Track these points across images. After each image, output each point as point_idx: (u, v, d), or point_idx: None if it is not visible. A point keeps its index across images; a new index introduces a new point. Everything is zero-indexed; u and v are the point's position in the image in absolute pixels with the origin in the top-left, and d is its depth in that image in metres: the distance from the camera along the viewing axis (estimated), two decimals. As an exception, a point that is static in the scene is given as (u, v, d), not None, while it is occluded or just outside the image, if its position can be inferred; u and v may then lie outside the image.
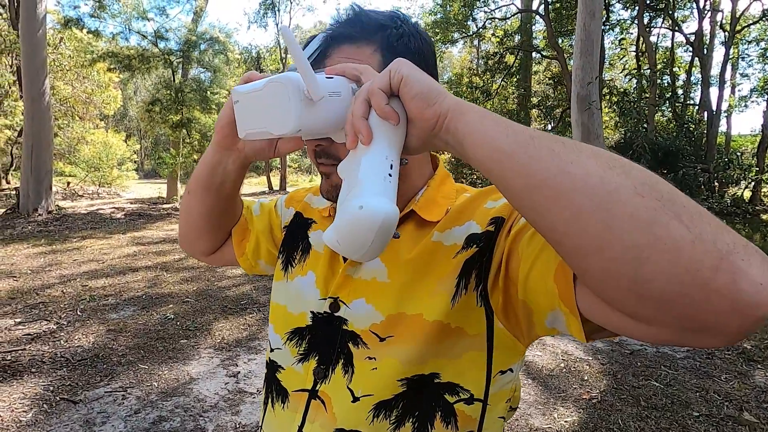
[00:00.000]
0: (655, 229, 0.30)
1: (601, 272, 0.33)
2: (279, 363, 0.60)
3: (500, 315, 0.50)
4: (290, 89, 0.42)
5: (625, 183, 0.32)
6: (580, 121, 7.29)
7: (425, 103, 0.41)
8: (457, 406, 0.51)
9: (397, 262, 0.54)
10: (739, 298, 0.29)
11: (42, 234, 7.37)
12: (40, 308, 3.90)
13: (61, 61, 13.39)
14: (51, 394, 2.50)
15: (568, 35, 13.03)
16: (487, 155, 0.37)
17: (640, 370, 2.89)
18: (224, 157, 0.60)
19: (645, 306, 0.32)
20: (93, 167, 14.39)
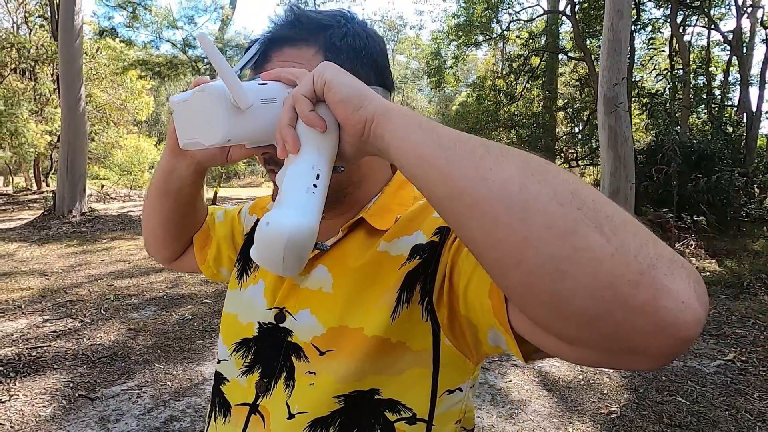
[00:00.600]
0: (573, 240, 0.28)
1: (522, 288, 0.31)
2: (224, 375, 0.58)
3: (447, 330, 0.47)
4: (215, 98, 0.41)
5: (545, 191, 0.30)
6: (606, 123, 7.06)
7: (350, 107, 0.39)
8: (397, 425, 0.48)
9: (344, 273, 0.52)
10: (660, 316, 0.27)
11: (75, 235, 7.69)
12: (67, 306, 4.06)
13: (97, 70, 14.02)
14: (70, 390, 2.58)
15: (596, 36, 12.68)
16: (411, 162, 0.35)
17: (664, 384, 2.75)
18: (178, 163, 0.58)
19: (568, 325, 0.30)
20: (125, 171, 14.97)
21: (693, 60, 13.06)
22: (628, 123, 7.09)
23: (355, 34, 0.52)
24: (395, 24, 25.29)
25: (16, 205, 12.33)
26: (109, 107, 15.37)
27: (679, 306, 0.27)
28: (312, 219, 0.38)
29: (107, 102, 15.08)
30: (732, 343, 3.45)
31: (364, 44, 0.52)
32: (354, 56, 0.51)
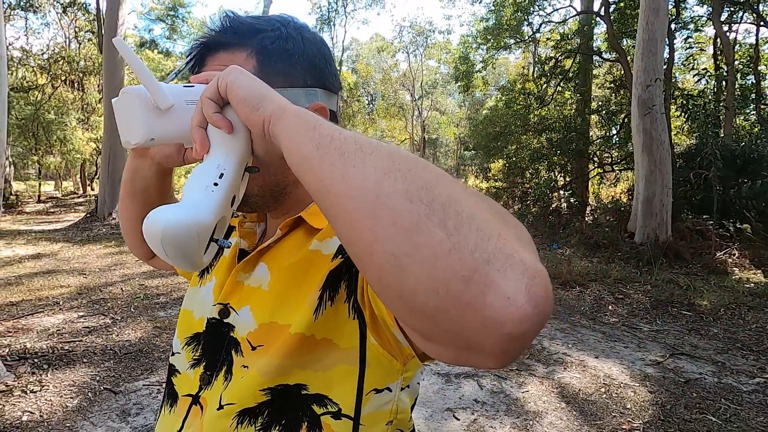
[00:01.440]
0: (415, 237, 0.28)
1: (376, 282, 0.31)
2: (176, 367, 0.60)
3: (371, 329, 0.48)
4: (136, 100, 0.43)
5: (399, 188, 0.30)
6: (641, 126, 6.77)
7: (250, 108, 0.40)
8: (323, 418, 0.49)
9: (279, 270, 0.53)
10: (486, 313, 0.27)
11: (113, 236, 8.09)
12: (101, 303, 4.26)
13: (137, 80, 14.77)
14: (96, 383, 2.70)
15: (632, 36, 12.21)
16: (295, 161, 0.36)
17: (695, 401, 2.58)
18: (141, 163, 0.60)
19: (417, 320, 0.30)
20: (163, 176, 15.64)
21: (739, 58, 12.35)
22: (664, 125, 6.77)
23: (288, 37, 0.53)
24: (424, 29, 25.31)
25: (64, 208, 13.14)
26: (150, 115, 16.14)
27: (503, 302, 0.27)
28: (197, 214, 0.39)
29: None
30: (774, 359, 3.21)
31: (298, 47, 0.53)
32: (287, 58, 0.53)
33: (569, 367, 3.04)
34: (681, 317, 4.15)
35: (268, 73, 0.52)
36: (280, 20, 0.55)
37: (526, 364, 3.06)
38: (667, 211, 6.53)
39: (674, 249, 6.13)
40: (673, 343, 3.50)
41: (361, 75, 28.18)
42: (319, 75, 0.55)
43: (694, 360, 3.20)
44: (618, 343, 3.53)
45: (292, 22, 0.56)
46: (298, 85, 0.53)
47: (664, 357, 3.24)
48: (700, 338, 3.65)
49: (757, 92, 11.70)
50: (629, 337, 3.67)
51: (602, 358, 3.20)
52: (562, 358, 3.18)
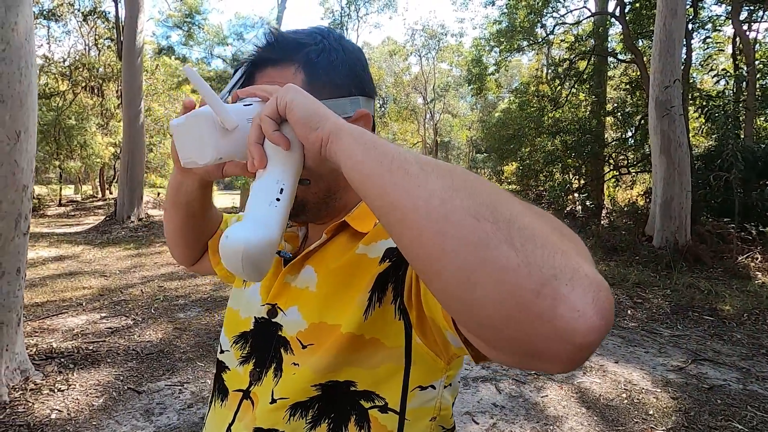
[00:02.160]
0: (483, 252, 0.30)
1: (443, 295, 0.33)
2: (226, 364, 0.63)
3: (417, 329, 0.50)
4: (204, 123, 0.45)
5: (464, 205, 0.32)
6: (659, 128, 6.67)
7: (308, 128, 0.42)
8: (371, 412, 0.51)
9: (326, 273, 0.56)
10: (558, 324, 0.29)
11: (132, 239, 8.26)
12: (122, 305, 4.35)
13: (155, 86, 15.09)
14: (120, 383, 2.76)
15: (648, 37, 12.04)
16: (357, 179, 0.39)
17: (719, 408, 2.53)
18: (184, 178, 0.63)
19: (483, 330, 0.32)
20: (179, 179, 15.90)
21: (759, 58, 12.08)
22: (682, 127, 6.66)
23: (331, 49, 0.56)
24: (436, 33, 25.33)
25: (83, 211, 13.44)
26: (166, 120, 16.46)
27: (573, 314, 0.28)
28: (269, 232, 0.41)
29: (164, 115, 16.16)
30: (802, 366, 3.13)
31: (341, 57, 0.56)
32: (331, 69, 0.55)
33: (588, 372, 3.01)
34: (703, 322, 4.07)
35: (316, 85, 0.54)
36: (320, 33, 0.58)
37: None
38: (686, 214, 6.41)
39: (694, 253, 6.02)
40: (695, 349, 3.44)
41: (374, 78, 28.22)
42: (360, 82, 0.58)
43: (718, 366, 3.14)
44: (638, 347, 3.48)
45: (330, 34, 0.58)
46: (343, 94, 0.56)
47: (686, 362, 3.18)
48: (723, 344, 3.58)
49: (778, 92, 11.42)
50: (649, 342, 3.62)
51: (622, 363, 3.16)
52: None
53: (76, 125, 12.70)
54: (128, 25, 9.31)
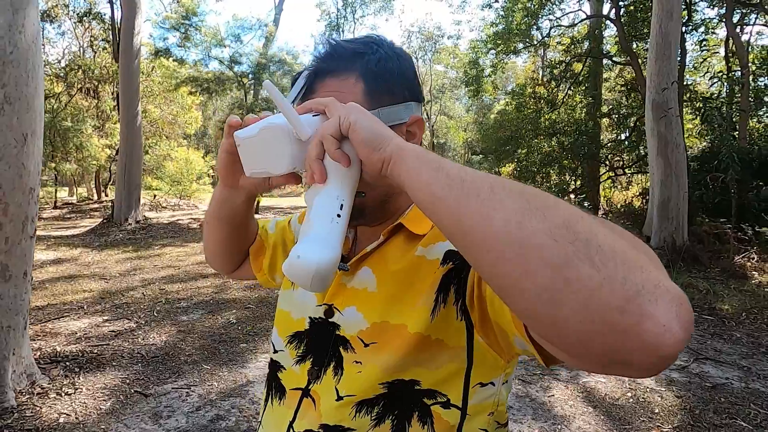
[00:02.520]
0: (566, 273, 0.31)
1: (525, 313, 0.35)
2: (281, 363, 0.64)
3: (479, 330, 0.52)
4: (280, 134, 0.47)
5: (541, 227, 0.33)
6: (656, 129, 6.74)
7: (371, 149, 0.44)
8: (433, 408, 0.53)
9: (385, 274, 0.57)
10: (643, 338, 0.30)
11: (130, 241, 8.21)
12: (124, 308, 4.33)
13: (152, 87, 15.02)
14: (127, 386, 2.75)
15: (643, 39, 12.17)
16: (424, 199, 0.40)
17: (723, 406, 2.57)
18: (231, 193, 0.64)
19: (567, 343, 0.33)
20: (175, 181, 15.84)
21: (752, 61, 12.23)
22: (679, 129, 6.73)
23: (387, 58, 0.58)
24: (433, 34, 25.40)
25: (79, 214, 13.34)
26: (162, 122, 16.39)
27: (660, 329, 0.30)
28: (336, 250, 0.44)
29: (160, 117, 16.08)
30: (801, 364, 3.18)
31: (397, 65, 0.58)
32: (389, 77, 0.57)
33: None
34: (702, 322, 4.12)
35: (375, 93, 0.56)
36: (375, 41, 0.59)
37: (550, 368, 3.06)
38: (683, 215, 6.48)
39: (692, 253, 6.09)
40: (696, 348, 3.48)
41: (369, 80, 28.23)
42: (412, 88, 0.59)
43: (719, 365, 3.18)
44: (640, 347, 3.52)
45: (384, 42, 0.60)
46: (398, 101, 0.57)
47: (688, 362, 3.22)
48: (724, 343, 3.63)
49: (770, 94, 11.56)
50: (651, 341, 3.66)
51: (626, 363, 3.19)
52: (585, 363, 3.18)
53: (72, 127, 12.62)
54: (125, 26, 9.27)
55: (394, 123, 0.56)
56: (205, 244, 0.77)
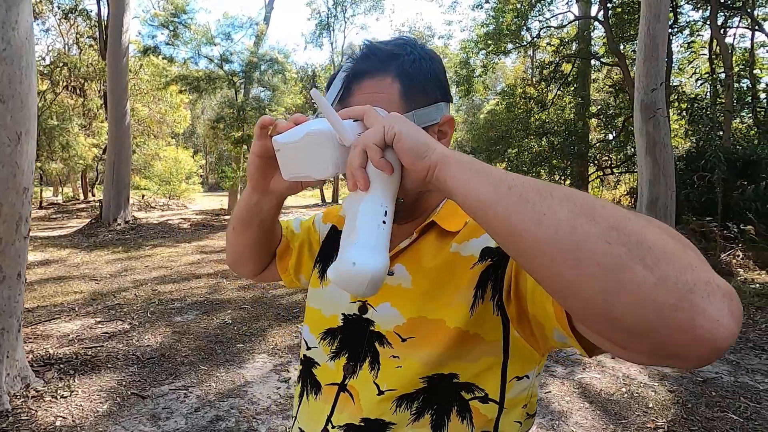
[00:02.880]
0: (620, 275, 0.33)
1: (579, 311, 0.36)
2: (315, 360, 0.65)
3: (515, 324, 0.53)
4: (324, 140, 0.48)
5: (593, 231, 0.34)
6: (644, 130, 6.86)
7: (416, 157, 0.44)
8: (472, 403, 0.55)
9: (420, 270, 0.59)
10: (697, 333, 0.31)
11: (120, 242, 8.09)
12: (116, 309, 4.28)
13: (140, 86, 14.80)
14: (123, 388, 2.72)
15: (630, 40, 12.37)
16: (472, 204, 0.41)
17: (714, 400, 2.64)
18: (262, 198, 0.65)
19: (620, 337, 0.35)
20: (164, 181, 15.64)
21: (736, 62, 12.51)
22: (667, 129, 6.86)
23: (421, 59, 0.59)
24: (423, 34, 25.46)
25: (66, 214, 13.10)
26: (150, 121, 16.16)
27: (714, 324, 0.31)
28: (386, 256, 0.45)
29: (148, 116, 15.86)
30: (787, 358, 3.27)
31: (429, 65, 0.59)
32: (423, 78, 0.58)
33: (588, 368, 3.09)
34: (691, 318, 4.21)
35: (410, 94, 0.57)
36: (408, 43, 0.60)
37: (545, 366, 3.10)
38: (671, 214, 6.61)
39: (679, 251, 6.21)
40: (686, 344, 3.56)
41: (360, 80, 28.23)
42: (443, 88, 0.61)
43: (709, 360, 3.26)
44: (632, 343, 3.59)
45: (416, 43, 0.61)
46: (431, 101, 0.58)
47: (679, 357, 3.29)
48: (712, 338, 3.71)
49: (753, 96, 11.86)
50: (643, 337, 3.73)
51: (619, 359, 3.25)
52: (580, 359, 3.23)
53: (58, 126, 12.38)
54: (113, 23, 9.12)
55: (428, 124, 0.57)
56: (231, 250, 0.76)
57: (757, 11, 12.31)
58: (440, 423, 0.54)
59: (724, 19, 12.12)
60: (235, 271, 0.80)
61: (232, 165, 12.78)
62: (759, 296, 4.71)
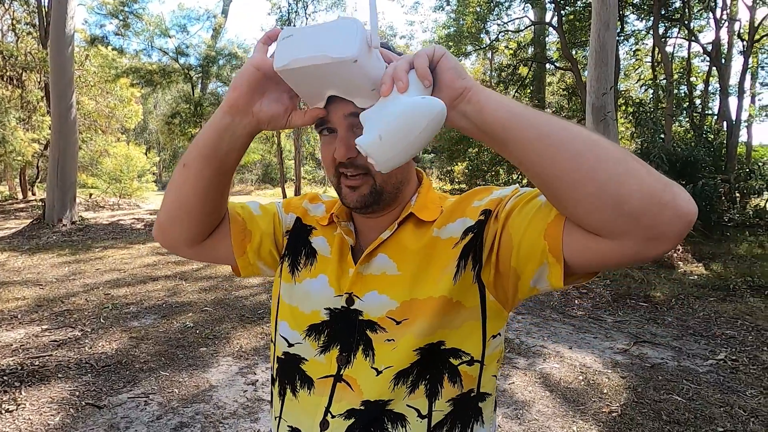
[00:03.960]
0: (625, 164, 0.46)
1: (594, 195, 0.46)
2: (301, 356, 0.66)
3: (491, 288, 0.61)
4: (354, 26, 0.49)
5: (601, 138, 0.49)
6: (596, 132, 7.25)
7: (458, 75, 0.51)
8: (460, 367, 0.60)
9: (405, 255, 0.63)
10: (679, 209, 0.45)
11: (66, 244, 7.58)
12: (65, 316, 4.02)
13: (86, 78, 13.89)
14: (77, 398, 2.57)
15: (582, 46, 13.01)
16: (505, 116, 0.49)
17: (661, 383, 2.84)
18: (236, 120, 0.57)
19: (622, 221, 0.46)
20: (114, 179, 14.79)
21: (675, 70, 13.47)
22: (616, 131, 7.30)
23: None
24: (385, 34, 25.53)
25: (2, 214, 12.09)
26: (98, 115, 15.21)
27: (686, 203, 0.45)
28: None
29: (96, 110, 14.92)
30: (722, 343, 3.58)
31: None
32: None
33: (548, 359, 3.24)
34: (639, 308, 4.51)
35: None
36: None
37: (508, 358, 3.22)
38: (619, 211, 7.04)
39: (627, 246, 6.61)
40: (635, 332, 3.81)
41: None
42: None
43: (655, 347, 3.51)
44: (587, 334, 3.79)
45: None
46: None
47: (629, 345, 3.52)
48: (658, 327, 4.00)
49: (689, 101, 12.81)
50: (596, 328, 3.95)
51: (575, 349, 3.44)
52: (540, 351, 3.38)
53: (-8, 119, 11.41)
54: (56, 10, 8.52)
55: None
56: (170, 200, 0.63)
57: (693, 23, 13.30)
58: (434, 391, 0.59)
59: (665, 29, 13.01)
60: (165, 237, 0.66)
61: (188, 162, 12.25)
62: (697, 287, 5.12)
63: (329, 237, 0.70)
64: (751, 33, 11.68)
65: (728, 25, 12.77)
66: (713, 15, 12.01)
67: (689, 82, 13.52)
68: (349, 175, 0.61)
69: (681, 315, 4.30)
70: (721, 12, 12.20)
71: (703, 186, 7.00)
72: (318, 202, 0.77)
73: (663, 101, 10.83)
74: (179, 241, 0.66)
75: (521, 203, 0.58)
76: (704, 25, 14.54)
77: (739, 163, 11.23)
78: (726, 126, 11.36)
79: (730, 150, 10.90)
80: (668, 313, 4.36)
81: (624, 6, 11.68)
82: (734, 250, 7.10)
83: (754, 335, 3.74)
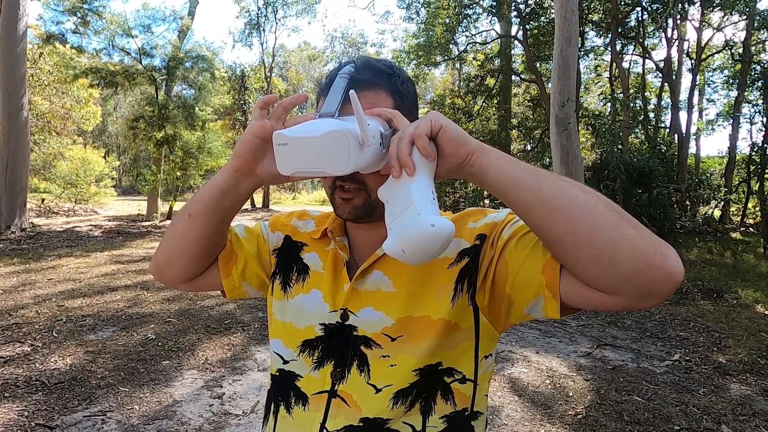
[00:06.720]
0: (621, 230, 0.49)
1: (591, 258, 0.49)
2: (296, 372, 0.66)
3: (485, 311, 0.63)
4: (347, 138, 0.50)
5: (598, 202, 0.51)
6: (559, 142, 7.53)
7: (459, 144, 0.53)
8: (453, 385, 0.62)
9: (402, 273, 0.64)
10: (668, 270, 0.48)
11: (15, 252, 7.11)
12: (13, 329, 3.75)
13: (39, 77, 13.16)
14: (26, 419, 2.40)
15: (546, 60, 13.54)
16: (507, 181, 0.53)
17: (622, 385, 2.96)
18: (240, 181, 0.62)
19: (616, 281, 0.49)
20: (70, 183, 14.04)
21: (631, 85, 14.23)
22: (577, 141, 7.60)
23: (408, 81, 0.67)
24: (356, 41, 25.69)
25: (-59, 221, 11.20)
26: (51, 116, 14.42)
27: (675, 264, 0.48)
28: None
29: (49, 110, 14.14)
30: (677, 344, 3.77)
31: (412, 88, 0.68)
32: (407, 97, 0.65)
33: (516, 363, 3.31)
34: (600, 312, 4.69)
35: (399, 110, 0.61)
36: (394, 66, 0.67)
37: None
38: (581, 218, 7.32)
39: (589, 252, 6.89)
40: (597, 336, 3.96)
41: (292, 82, 27.72)
42: (416, 110, 0.69)
43: (616, 349, 3.65)
44: (553, 338, 3.91)
45: (401, 68, 0.68)
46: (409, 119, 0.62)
47: (592, 348, 3.65)
48: (618, 330, 4.17)
49: (644, 115, 13.56)
50: (561, 332, 4.08)
51: (542, 353, 3.53)
52: (509, 356, 3.45)
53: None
54: (7, 4, 8.06)
55: None
56: (171, 245, 0.68)
57: (647, 41, 14.12)
58: (428, 407, 0.61)
59: (621, 46, 13.74)
60: (162, 275, 0.71)
61: (151, 167, 11.83)
62: (653, 291, 5.38)
63: (321, 252, 0.71)
64: (698, 52, 12.52)
65: (678, 45, 13.64)
66: (665, 34, 12.81)
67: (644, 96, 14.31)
68: (345, 188, 0.62)
69: (639, 318, 4.50)
70: (672, 32, 13.02)
71: (657, 195, 7.40)
72: (307, 219, 0.78)
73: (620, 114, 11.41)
74: (177, 278, 0.71)
75: (519, 234, 0.59)
76: (657, 43, 15.46)
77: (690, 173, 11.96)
78: (677, 138, 12.07)
79: (682, 161, 11.58)
80: (627, 316, 4.56)
81: (584, 23, 12.26)
82: (686, 255, 7.53)
83: (705, 336, 3.96)
